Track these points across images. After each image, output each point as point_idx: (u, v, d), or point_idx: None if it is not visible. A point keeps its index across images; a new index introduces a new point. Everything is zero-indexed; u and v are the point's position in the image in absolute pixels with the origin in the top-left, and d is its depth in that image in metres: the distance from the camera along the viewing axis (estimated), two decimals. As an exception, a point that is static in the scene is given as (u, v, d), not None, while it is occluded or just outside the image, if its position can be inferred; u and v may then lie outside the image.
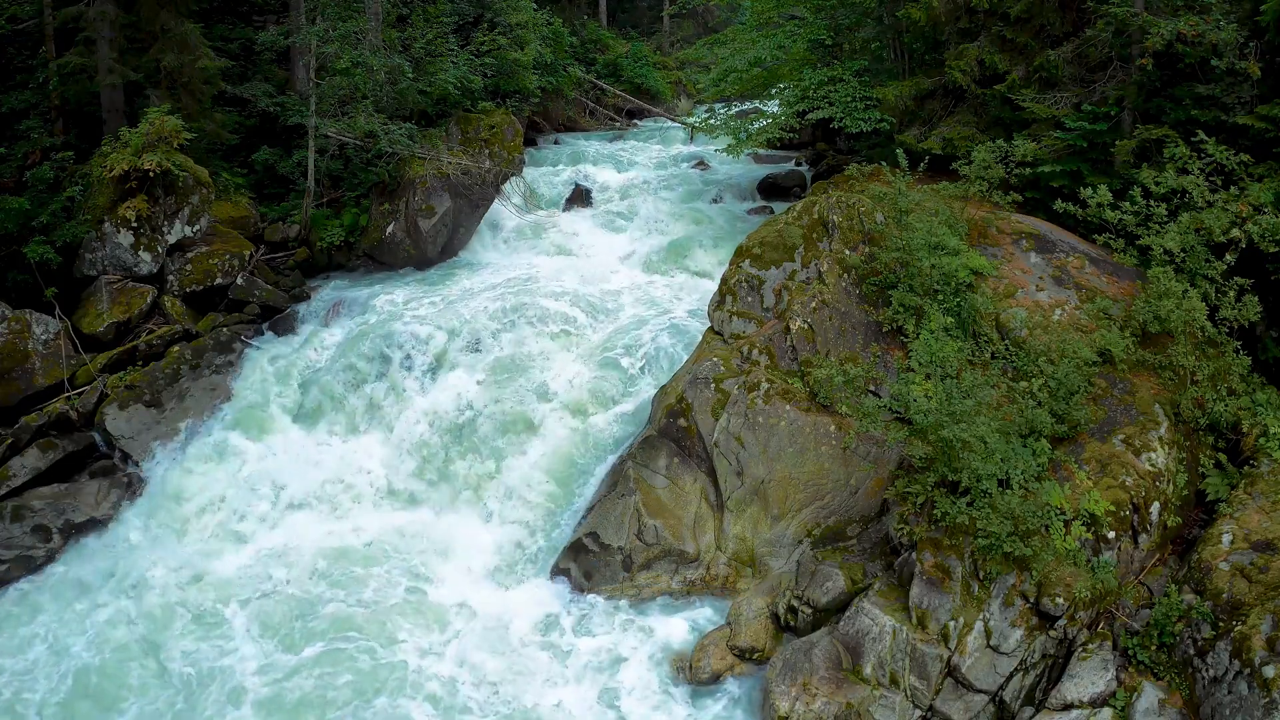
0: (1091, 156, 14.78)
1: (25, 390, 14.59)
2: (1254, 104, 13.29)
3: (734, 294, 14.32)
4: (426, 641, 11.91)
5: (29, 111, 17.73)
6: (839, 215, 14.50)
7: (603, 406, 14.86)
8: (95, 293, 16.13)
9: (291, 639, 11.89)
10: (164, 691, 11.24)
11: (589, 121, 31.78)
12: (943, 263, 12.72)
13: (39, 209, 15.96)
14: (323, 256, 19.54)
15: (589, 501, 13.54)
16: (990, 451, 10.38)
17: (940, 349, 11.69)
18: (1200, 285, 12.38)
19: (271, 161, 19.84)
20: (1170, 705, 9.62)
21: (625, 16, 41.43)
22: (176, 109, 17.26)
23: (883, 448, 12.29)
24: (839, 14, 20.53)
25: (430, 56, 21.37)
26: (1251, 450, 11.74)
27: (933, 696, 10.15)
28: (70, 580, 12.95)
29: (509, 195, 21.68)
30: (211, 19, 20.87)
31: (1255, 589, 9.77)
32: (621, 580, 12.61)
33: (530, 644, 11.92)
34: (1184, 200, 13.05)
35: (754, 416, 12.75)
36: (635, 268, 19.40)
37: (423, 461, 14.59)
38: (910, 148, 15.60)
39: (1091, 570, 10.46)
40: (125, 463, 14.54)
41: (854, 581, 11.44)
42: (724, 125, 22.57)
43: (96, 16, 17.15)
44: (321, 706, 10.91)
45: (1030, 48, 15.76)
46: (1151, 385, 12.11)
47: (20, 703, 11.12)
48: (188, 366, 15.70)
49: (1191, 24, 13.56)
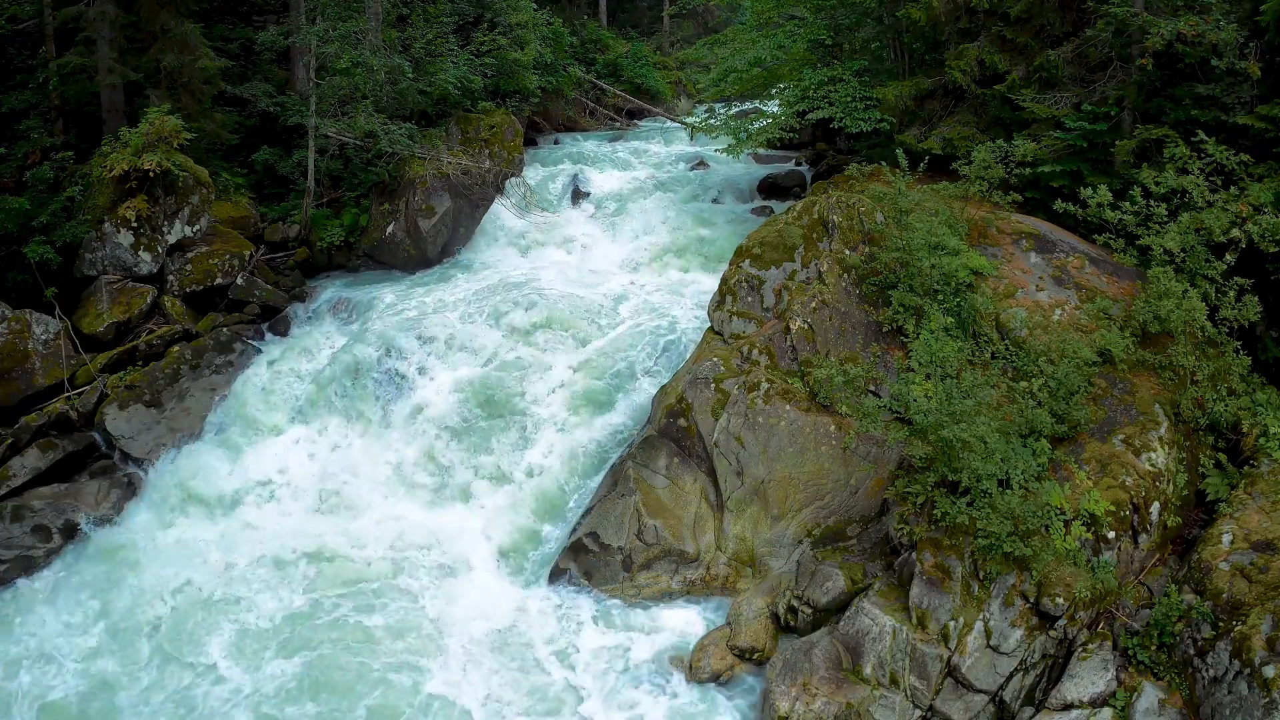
0: (1091, 156, 14.78)
1: (25, 390, 14.60)
2: (1254, 104, 13.29)
3: (734, 294, 14.32)
4: (422, 643, 11.90)
5: (29, 111, 17.74)
6: (839, 215, 14.50)
7: (602, 407, 14.86)
8: (95, 293, 16.13)
9: (290, 644, 11.90)
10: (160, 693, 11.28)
11: (589, 121, 31.76)
12: (943, 263, 12.72)
13: (39, 209, 15.97)
14: (323, 256, 19.56)
15: (589, 502, 13.54)
16: (990, 451, 10.38)
17: (940, 349, 11.69)
18: (1200, 285, 12.38)
19: (271, 161, 19.85)
20: (1170, 705, 9.62)
21: (625, 16, 41.42)
22: (176, 109, 17.28)
23: (883, 448, 12.29)
24: (839, 14, 20.51)
25: (430, 56, 21.38)
26: (1251, 450, 11.74)
27: (933, 696, 10.15)
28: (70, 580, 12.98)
29: (509, 195, 21.67)
30: (211, 19, 20.88)
31: (1255, 589, 9.77)
32: (621, 580, 12.61)
33: (529, 644, 11.91)
34: (1184, 200, 13.05)
35: (754, 416, 12.75)
36: (635, 268, 19.40)
37: (421, 462, 14.59)
38: (910, 148, 15.60)
39: (1091, 570, 10.46)
40: (125, 462, 14.55)
41: (854, 581, 11.44)
42: (724, 125, 22.56)
43: (96, 16, 17.16)
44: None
45: (1030, 48, 15.76)
46: (1151, 385, 12.11)
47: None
48: (188, 366, 15.71)
49: (1191, 24, 13.56)
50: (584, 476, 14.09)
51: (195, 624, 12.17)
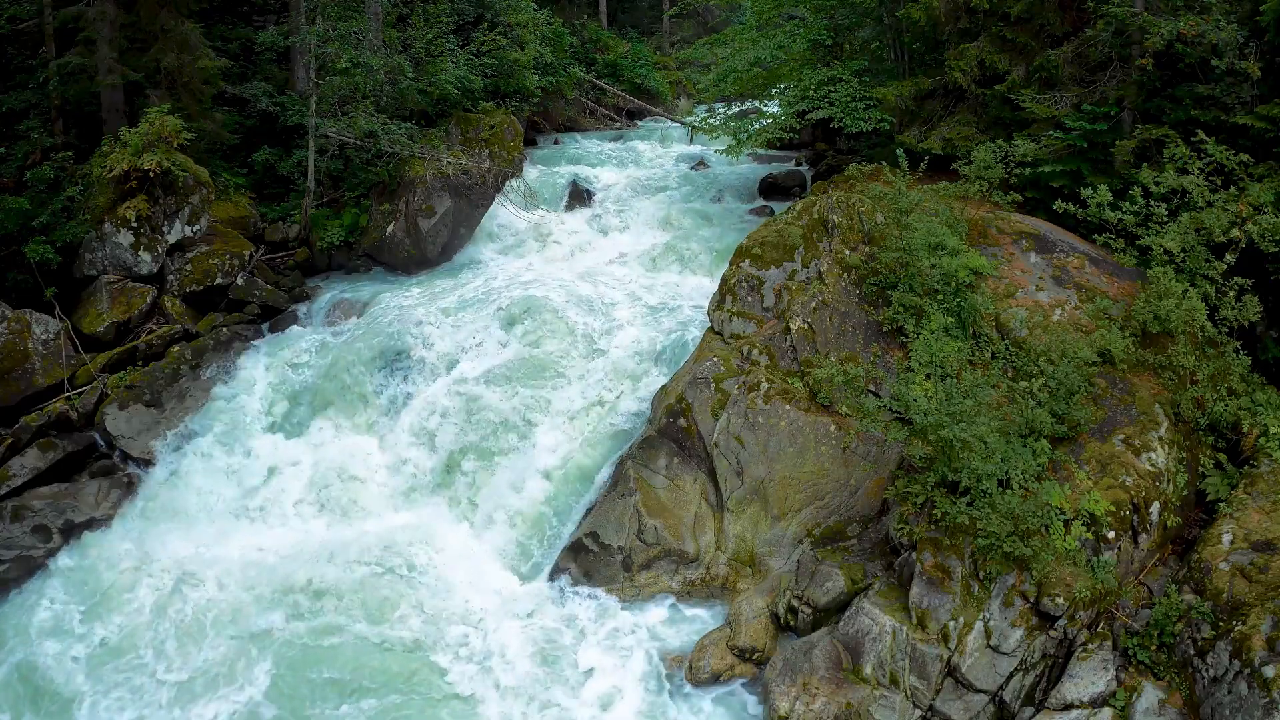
0: (1091, 156, 14.78)
1: (25, 390, 14.59)
2: (1254, 104, 13.29)
3: (734, 294, 14.32)
4: (419, 644, 11.91)
5: (29, 111, 17.72)
6: (839, 215, 14.50)
7: (601, 407, 14.85)
8: (95, 293, 16.13)
9: (287, 647, 11.89)
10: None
11: (589, 121, 31.77)
12: (943, 263, 12.72)
13: (39, 209, 15.96)
14: (323, 256, 19.56)
15: (589, 501, 13.54)
16: (990, 451, 10.38)
17: (940, 349, 11.69)
18: (1200, 285, 12.38)
19: (271, 161, 19.85)
20: (1170, 705, 9.62)
21: (625, 16, 41.41)
22: (176, 109, 17.27)
23: (883, 448, 12.29)
24: (839, 14, 20.53)
25: (430, 56, 21.38)
26: (1251, 450, 11.74)
27: (933, 696, 10.15)
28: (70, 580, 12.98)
29: (509, 195, 21.67)
30: (211, 19, 20.87)
31: (1255, 589, 9.77)
32: (621, 580, 12.61)
33: (529, 644, 11.91)
34: (1184, 200, 13.05)
35: (754, 416, 12.75)
36: (635, 267, 19.39)
37: (420, 461, 14.58)
38: (910, 148, 15.61)
39: (1091, 570, 10.46)
40: (125, 462, 14.54)
41: (854, 581, 11.45)
42: (724, 125, 22.59)
43: (96, 16, 17.15)
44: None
45: (1030, 48, 15.77)
46: (1151, 385, 12.11)
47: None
48: (188, 366, 15.71)
49: (1191, 24, 13.56)
50: (584, 476, 14.07)
51: (196, 626, 12.18)
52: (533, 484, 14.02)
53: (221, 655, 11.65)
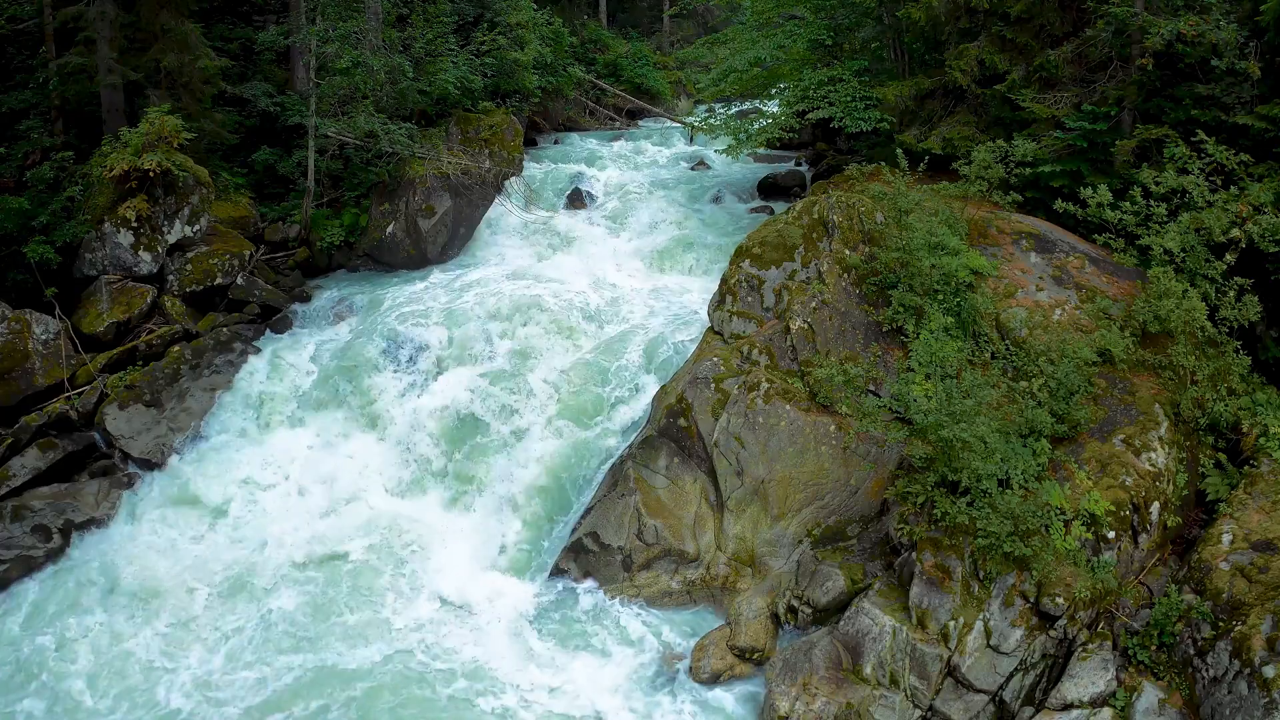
0: (1091, 156, 14.78)
1: (25, 390, 14.59)
2: (1254, 104, 13.30)
3: (734, 294, 14.32)
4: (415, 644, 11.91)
5: (29, 111, 17.72)
6: (839, 215, 14.50)
7: (602, 406, 14.86)
8: (95, 293, 16.13)
9: (284, 645, 11.90)
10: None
11: (589, 121, 31.76)
12: (943, 263, 12.72)
13: (39, 209, 15.96)
14: (323, 256, 19.56)
15: (589, 501, 13.54)
16: (990, 451, 10.38)
17: (940, 349, 11.69)
18: (1200, 285, 12.38)
19: (271, 161, 19.85)
20: (1170, 705, 9.62)
21: (625, 16, 41.41)
22: (176, 109, 17.27)
23: (883, 448, 12.29)
24: (839, 14, 20.51)
25: (430, 56, 21.37)
26: (1251, 450, 11.74)
27: (933, 696, 10.15)
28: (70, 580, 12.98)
29: (509, 195, 21.67)
30: (211, 19, 20.88)
31: (1255, 589, 9.78)
32: (621, 580, 12.61)
33: (529, 644, 11.91)
34: (1184, 200, 13.06)
35: (754, 416, 12.75)
36: (635, 267, 19.39)
37: (420, 462, 14.59)
38: (910, 148, 15.60)
39: (1091, 570, 10.46)
40: (125, 462, 14.54)
41: (854, 581, 11.45)
42: (724, 125, 22.56)
43: (96, 16, 17.15)
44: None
45: (1030, 48, 15.76)
46: (1151, 385, 12.12)
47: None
48: (188, 366, 15.70)
49: (1191, 24, 13.57)
50: (583, 476, 14.08)
51: (194, 628, 12.18)
52: (529, 484, 14.01)
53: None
